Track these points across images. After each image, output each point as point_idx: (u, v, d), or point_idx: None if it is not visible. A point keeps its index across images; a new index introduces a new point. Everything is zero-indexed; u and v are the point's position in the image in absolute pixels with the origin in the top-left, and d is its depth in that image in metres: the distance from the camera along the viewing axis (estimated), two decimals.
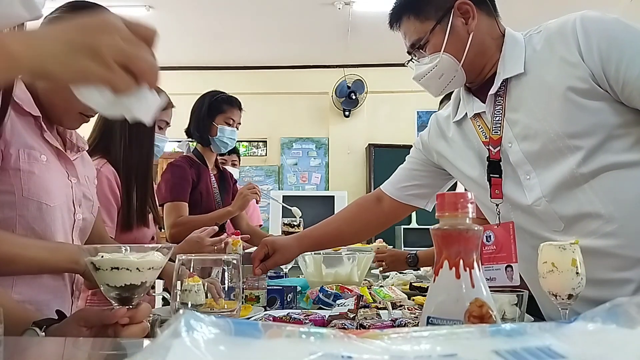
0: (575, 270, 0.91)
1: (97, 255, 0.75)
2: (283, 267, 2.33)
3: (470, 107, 1.31)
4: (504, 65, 1.23)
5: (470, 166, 1.34)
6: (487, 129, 1.27)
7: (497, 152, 1.25)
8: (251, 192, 2.44)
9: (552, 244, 0.95)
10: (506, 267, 1.23)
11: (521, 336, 0.42)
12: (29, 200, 1.09)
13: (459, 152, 1.38)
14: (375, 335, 0.43)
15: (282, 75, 5.58)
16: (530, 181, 1.20)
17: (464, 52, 1.23)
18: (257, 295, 1.64)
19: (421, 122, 5.58)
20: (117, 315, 0.76)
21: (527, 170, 1.20)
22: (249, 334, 0.41)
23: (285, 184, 5.57)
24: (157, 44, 0.63)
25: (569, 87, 1.12)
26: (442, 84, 1.29)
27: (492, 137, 1.25)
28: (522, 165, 1.21)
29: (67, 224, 1.20)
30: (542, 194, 1.18)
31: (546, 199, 1.18)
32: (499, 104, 1.24)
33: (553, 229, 1.19)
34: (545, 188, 1.18)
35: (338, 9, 4.25)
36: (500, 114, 1.24)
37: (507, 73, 1.22)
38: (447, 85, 1.30)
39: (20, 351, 0.70)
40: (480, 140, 1.29)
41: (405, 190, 1.55)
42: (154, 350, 0.36)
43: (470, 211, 0.56)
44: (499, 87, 1.23)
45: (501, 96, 1.24)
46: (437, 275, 0.56)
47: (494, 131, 1.25)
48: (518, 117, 1.20)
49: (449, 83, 1.29)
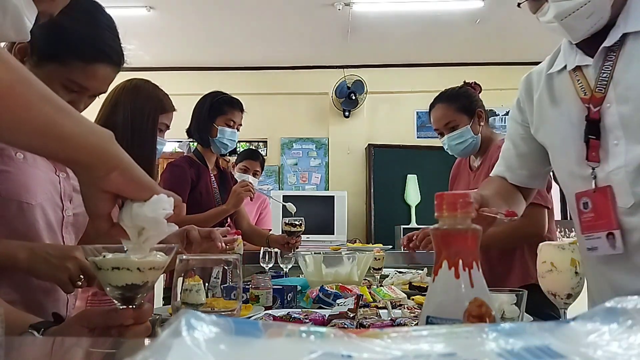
0: (574, 270, 0.92)
1: (99, 255, 0.75)
2: (283, 267, 2.34)
3: (572, 59, 1.20)
4: (627, 18, 1.12)
5: (559, 125, 1.24)
6: (588, 85, 1.17)
7: (596, 112, 1.15)
8: (244, 189, 2.43)
9: (552, 244, 0.95)
10: (607, 235, 1.13)
11: (520, 336, 0.42)
12: (8, 201, 1.07)
13: (547, 109, 1.27)
14: (375, 335, 0.43)
15: (282, 75, 5.58)
16: (618, 148, 1.13)
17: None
18: (257, 295, 1.64)
19: (421, 122, 5.57)
20: (123, 317, 0.76)
21: (618, 135, 1.13)
22: (249, 333, 0.41)
23: (285, 184, 5.57)
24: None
25: None
26: (588, 25, 1.13)
27: (595, 94, 1.15)
28: (613, 130, 1.13)
29: (54, 220, 1.16)
30: (624, 162, 1.11)
31: (627, 169, 1.11)
32: (610, 59, 1.14)
33: (620, 205, 1.12)
34: (630, 159, 1.10)
35: (338, 9, 4.24)
36: (609, 70, 1.13)
37: (629, 27, 1.11)
38: (591, 28, 1.13)
39: (20, 351, 0.70)
40: (579, 96, 1.18)
41: (521, 172, 1.41)
42: (155, 349, 0.36)
43: (471, 211, 0.56)
44: (616, 40, 1.12)
45: (614, 51, 1.13)
46: (436, 275, 0.56)
47: (597, 89, 1.14)
48: (626, 77, 1.11)
49: (594, 26, 1.13)
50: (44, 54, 1.11)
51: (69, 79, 1.12)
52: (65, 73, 1.11)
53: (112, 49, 1.16)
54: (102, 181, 0.69)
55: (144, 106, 1.90)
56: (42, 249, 1.05)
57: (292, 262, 2.33)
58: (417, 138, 5.52)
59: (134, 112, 1.87)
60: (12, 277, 1.09)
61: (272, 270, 2.37)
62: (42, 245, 1.09)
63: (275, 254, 2.38)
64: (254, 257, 2.47)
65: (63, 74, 1.11)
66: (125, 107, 1.86)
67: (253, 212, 3.56)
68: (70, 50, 1.11)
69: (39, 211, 1.12)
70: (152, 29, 4.49)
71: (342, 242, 4.15)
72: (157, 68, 4.95)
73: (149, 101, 1.92)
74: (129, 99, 1.89)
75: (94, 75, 1.14)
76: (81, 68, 1.12)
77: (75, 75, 1.12)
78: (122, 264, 0.74)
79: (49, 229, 1.15)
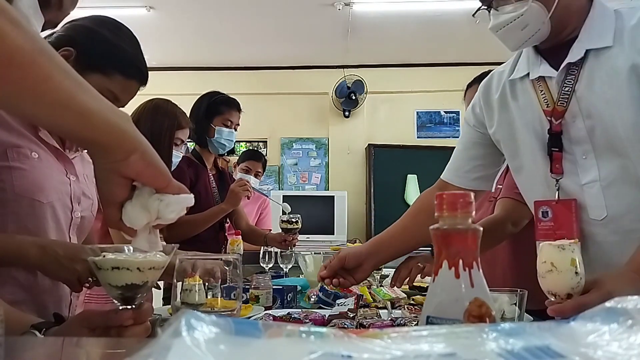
0: (574, 270, 0.92)
1: (100, 255, 0.75)
2: (283, 267, 2.34)
3: (535, 68, 1.21)
4: (589, 33, 1.13)
5: (522, 134, 1.24)
6: (551, 98, 1.17)
7: (558, 124, 1.16)
8: (242, 188, 2.44)
9: (552, 244, 0.95)
10: None
11: (520, 336, 0.42)
12: (20, 197, 1.09)
13: (508, 114, 1.27)
14: (375, 335, 0.43)
15: (282, 75, 5.58)
16: (588, 161, 1.14)
17: (554, 2, 1.11)
18: (257, 295, 1.64)
19: (420, 122, 5.58)
20: (122, 318, 0.76)
21: (586, 149, 1.14)
22: (249, 334, 0.41)
23: (286, 184, 5.57)
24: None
25: None
26: (524, 36, 1.15)
27: (557, 108, 1.16)
28: (581, 143, 1.14)
29: (63, 221, 1.19)
30: (599, 177, 1.13)
31: (601, 183, 1.12)
32: (573, 73, 1.14)
33: (592, 217, 1.15)
34: (606, 174, 1.12)
35: (338, 9, 4.24)
36: (570, 84, 1.14)
37: (592, 43, 1.12)
38: (529, 40, 1.16)
39: (21, 351, 0.70)
40: (541, 107, 1.19)
41: (470, 174, 1.41)
42: (155, 349, 0.36)
43: (471, 211, 0.56)
44: (581, 56, 1.13)
45: (577, 66, 1.14)
46: (436, 275, 0.56)
47: (560, 102, 1.15)
48: (589, 92, 1.12)
49: (531, 37, 1.15)
50: (90, 64, 1.19)
51: (108, 89, 1.20)
52: (106, 83, 1.20)
53: (145, 69, 1.30)
54: (121, 165, 0.67)
55: (162, 122, 2.13)
56: (53, 248, 1.06)
57: (292, 262, 2.33)
58: (417, 138, 5.52)
59: (153, 127, 2.08)
60: (17, 277, 1.11)
61: (272, 270, 2.37)
62: (52, 243, 1.11)
63: (275, 254, 2.38)
64: (254, 257, 2.47)
65: (104, 84, 1.19)
66: (146, 123, 2.06)
67: (253, 212, 3.56)
68: (116, 64, 1.23)
69: (49, 210, 1.14)
70: (152, 29, 4.48)
71: (342, 242, 4.15)
72: (157, 68, 4.94)
73: (166, 118, 2.14)
74: (149, 116, 2.11)
75: (129, 90, 1.27)
76: (121, 82, 1.24)
77: (114, 87, 1.22)
78: (122, 264, 0.74)
79: (57, 229, 1.17)
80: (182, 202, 0.71)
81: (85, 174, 1.28)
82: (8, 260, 1.06)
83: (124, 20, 1.31)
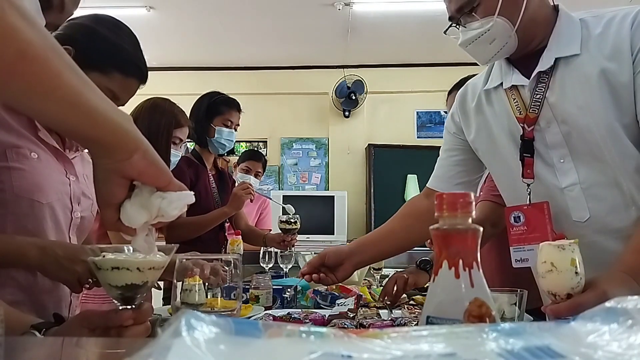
0: (574, 270, 0.91)
1: (99, 255, 0.75)
2: (283, 267, 2.34)
3: (508, 78, 1.25)
4: (557, 42, 1.17)
5: (500, 141, 1.28)
6: (523, 105, 1.21)
7: (530, 131, 1.20)
8: (245, 192, 2.44)
9: (552, 244, 0.95)
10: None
11: (520, 336, 0.42)
12: (19, 198, 1.09)
13: (484, 122, 1.31)
14: (375, 335, 0.43)
15: (282, 75, 5.57)
16: (566, 165, 1.17)
17: (518, 16, 1.15)
18: (257, 295, 1.64)
19: (420, 122, 5.57)
20: (122, 318, 0.76)
21: (563, 153, 1.17)
22: (249, 334, 0.41)
23: (286, 184, 5.57)
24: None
25: (620, 81, 1.08)
26: (492, 50, 1.20)
27: (529, 115, 1.19)
28: (558, 148, 1.18)
29: (62, 221, 1.19)
30: (579, 180, 1.16)
31: (582, 186, 1.15)
32: (544, 81, 1.18)
33: (575, 219, 1.17)
34: (585, 176, 1.15)
35: (338, 9, 4.24)
36: (542, 92, 1.18)
37: (561, 52, 1.16)
38: (497, 53, 1.20)
39: (21, 351, 0.70)
40: (514, 115, 1.23)
41: (453, 180, 1.44)
42: (155, 349, 0.36)
43: (471, 211, 0.56)
44: (550, 65, 1.16)
45: (547, 74, 1.18)
46: (436, 275, 0.56)
47: (531, 109, 1.19)
48: (562, 99, 1.16)
49: (500, 50, 1.20)
50: (89, 63, 1.17)
51: (107, 87, 1.19)
52: (105, 82, 1.20)
53: (145, 68, 1.30)
54: (124, 164, 0.67)
55: (160, 121, 2.12)
56: (52, 248, 1.07)
57: (292, 262, 2.33)
58: (417, 138, 5.51)
59: (151, 125, 2.07)
60: (17, 278, 1.11)
61: (272, 270, 2.38)
62: (52, 243, 1.11)
63: (275, 254, 2.38)
64: (253, 257, 2.47)
65: (103, 83, 1.17)
66: (143, 121, 2.05)
67: (253, 212, 3.56)
68: (115, 63, 1.23)
69: (49, 211, 1.14)
70: (152, 28, 4.48)
71: (342, 242, 4.15)
72: (157, 68, 4.94)
73: (164, 116, 2.14)
74: (147, 115, 2.11)
75: (128, 88, 1.26)
76: (120, 80, 1.24)
77: (113, 85, 1.22)
78: (122, 264, 0.74)
79: (56, 229, 1.17)
80: (183, 199, 0.72)
81: (85, 174, 1.28)
82: (8, 261, 1.06)
83: (124, 20, 1.31)
